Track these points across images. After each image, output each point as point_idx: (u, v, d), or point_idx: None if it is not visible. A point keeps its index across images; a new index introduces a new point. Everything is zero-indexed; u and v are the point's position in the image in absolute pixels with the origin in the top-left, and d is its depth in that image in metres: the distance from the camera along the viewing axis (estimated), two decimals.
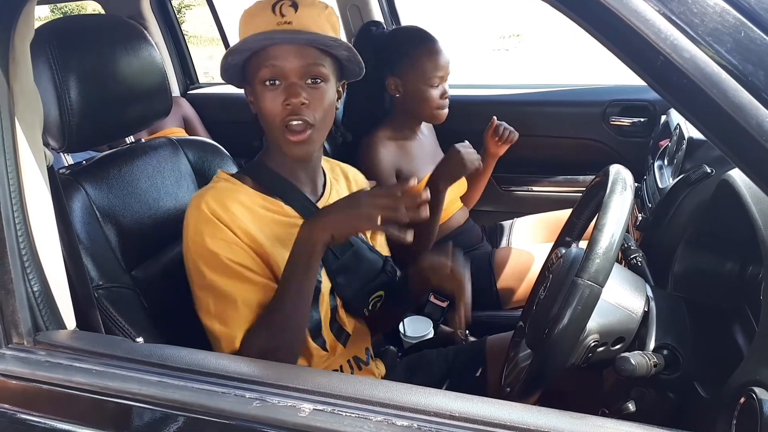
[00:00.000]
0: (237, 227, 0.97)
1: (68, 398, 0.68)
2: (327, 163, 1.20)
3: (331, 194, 1.13)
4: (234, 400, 0.63)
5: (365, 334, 1.21)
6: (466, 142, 1.63)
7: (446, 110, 1.77)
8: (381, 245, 1.25)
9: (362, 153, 1.75)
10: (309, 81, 0.98)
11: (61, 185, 1.08)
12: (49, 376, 0.70)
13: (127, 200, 1.15)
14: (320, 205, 1.08)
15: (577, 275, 0.84)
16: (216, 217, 0.96)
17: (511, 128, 1.83)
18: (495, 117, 1.84)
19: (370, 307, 1.13)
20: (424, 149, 1.87)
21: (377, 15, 2.19)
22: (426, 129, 1.94)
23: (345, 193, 1.18)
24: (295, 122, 0.97)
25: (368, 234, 1.20)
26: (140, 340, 0.79)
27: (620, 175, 0.94)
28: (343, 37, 1.98)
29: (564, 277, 0.97)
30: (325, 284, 1.06)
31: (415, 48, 1.75)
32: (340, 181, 1.21)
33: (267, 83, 0.97)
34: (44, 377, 0.70)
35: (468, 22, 8.73)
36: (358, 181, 1.27)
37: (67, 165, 1.16)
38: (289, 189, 1.06)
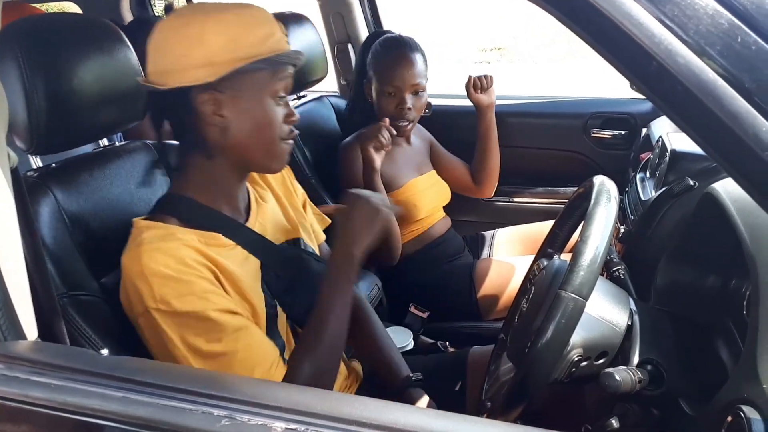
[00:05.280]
0: (201, 272, 0.88)
1: (24, 414, 0.64)
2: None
3: (259, 209, 1.07)
4: (201, 418, 0.59)
5: None
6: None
7: (404, 124, 1.75)
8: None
9: (342, 156, 1.73)
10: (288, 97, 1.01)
11: (27, 188, 1.04)
12: (3, 390, 0.65)
13: (97, 205, 1.11)
14: (250, 225, 1.03)
15: (561, 287, 0.82)
16: (174, 272, 0.85)
17: (484, 74, 1.90)
18: (470, 75, 1.89)
19: None
20: (408, 156, 1.86)
21: (361, 23, 2.18)
22: (417, 138, 1.92)
23: (270, 197, 1.14)
24: (294, 132, 1.00)
25: (310, 238, 1.18)
26: (105, 351, 0.75)
27: (605, 186, 0.92)
28: (326, 45, 1.98)
29: (547, 290, 0.95)
30: (281, 311, 1.02)
31: (381, 53, 1.76)
32: (265, 188, 1.15)
33: (278, 97, 0.96)
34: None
35: (450, 35, 8.77)
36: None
37: (35, 168, 1.11)
38: (218, 219, 0.98)
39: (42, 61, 0.97)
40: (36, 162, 1.23)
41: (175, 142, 1.25)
